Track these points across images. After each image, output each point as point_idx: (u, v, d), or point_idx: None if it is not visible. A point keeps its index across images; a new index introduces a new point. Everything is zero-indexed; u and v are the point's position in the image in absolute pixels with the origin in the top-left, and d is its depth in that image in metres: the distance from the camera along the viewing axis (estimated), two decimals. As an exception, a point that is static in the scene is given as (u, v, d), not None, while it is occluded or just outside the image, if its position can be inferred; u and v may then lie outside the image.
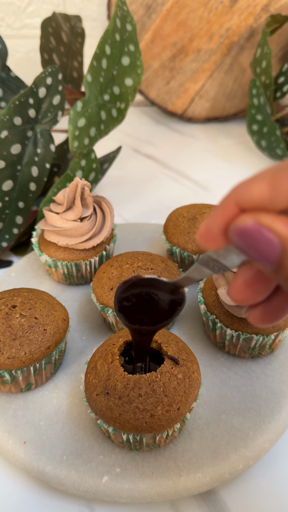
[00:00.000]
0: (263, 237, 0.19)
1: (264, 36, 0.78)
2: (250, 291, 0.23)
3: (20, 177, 0.57)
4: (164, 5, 0.89)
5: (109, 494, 0.34)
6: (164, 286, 0.28)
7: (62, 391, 0.41)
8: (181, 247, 0.51)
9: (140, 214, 0.71)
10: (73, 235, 0.49)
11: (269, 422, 0.38)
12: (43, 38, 0.76)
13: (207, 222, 0.21)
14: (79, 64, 0.82)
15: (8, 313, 0.39)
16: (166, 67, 0.96)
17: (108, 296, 0.44)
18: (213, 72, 0.96)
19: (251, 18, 0.89)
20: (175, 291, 0.28)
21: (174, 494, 0.34)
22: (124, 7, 0.58)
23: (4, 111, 0.52)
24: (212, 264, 0.23)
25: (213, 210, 0.21)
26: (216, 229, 0.21)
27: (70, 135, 0.57)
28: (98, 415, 0.35)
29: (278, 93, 0.84)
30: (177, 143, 0.95)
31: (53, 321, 0.41)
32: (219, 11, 0.88)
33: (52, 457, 0.36)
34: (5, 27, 0.99)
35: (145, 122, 1.05)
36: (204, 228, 0.21)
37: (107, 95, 0.62)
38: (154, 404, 0.33)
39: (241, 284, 0.23)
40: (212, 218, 0.21)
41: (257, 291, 0.23)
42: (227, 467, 0.35)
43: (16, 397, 0.40)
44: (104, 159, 0.75)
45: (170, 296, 0.29)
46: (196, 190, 0.79)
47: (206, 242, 0.21)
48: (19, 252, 0.62)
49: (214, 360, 0.44)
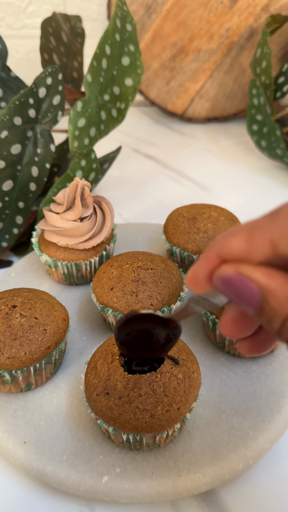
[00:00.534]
0: (244, 285, 0.21)
1: (264, 36, 0.78)
2: (238, 327, 0.25)
3: (20, 177, 0.57)
4: (164, 5, 0.89)
5: (109, 494, 0.34)
6: (160, 321, 0.30)
7: (62, 391, 0.41)
8: (181, 247, 0.51)
9: (140, 214, 0.71)
10: (73, 235, 0.49)
11: (269, 422, 0.38)
12: (43, 38, 0.76)
13: (194, 269, 0.23)
14: (79, 64, 0.82)
15: (8, 313, 0.39)
16: (166, 67, 0.96)
17: (108, 296, 0.44)
18: (213, 72, 0.96)
19: (251, 18, 0.89)
20: (171, 324, 0.30)
21: (174, 494, 0.34)
22: (124, 7, 0.58)
23: (4, 111, 0.52)
24: (202, 302, 0.25)
25: (198, 259, 0.23)
26: (201, 276, 0.23)
27: (70, 135, 0.57)
28: (98, 415, 0.35)
29: (278, 93, 0.84)
30: (177, 143, 0.95)
31: (53, 321, 0.41)
32: (219, 11, 0.88)
33: (52, 457, 0.36)
34: (5, 27, 0.99)
35: (145, 122, 1.05)
36: (191, 274, 0.24)
37: (107, 95, 0.62)
38: (154, 404, 0.33)
39: (229, 321, 0.25)
40: (198, 266, 0.23)
41: (244, 328, 0.25)
42: (227, 467, 0.35)
43: (16, 397, 0.40)
44: (104, 159, 0.75)
45: (166, 330, 0.30)
46: (196, 190, 0.79)
47: (194, 286, 0.24)
48: (19, 252, 0.62)
49: (214, 360, 0.44)
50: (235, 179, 0.82)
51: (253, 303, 0.21)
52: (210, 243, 0.23)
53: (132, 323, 0.31)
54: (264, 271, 0.21)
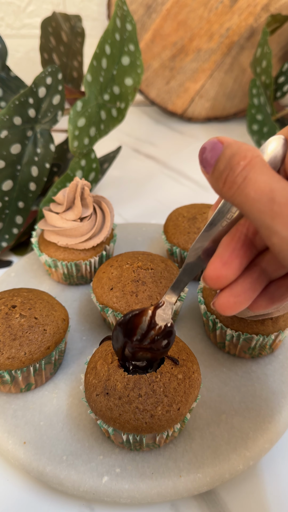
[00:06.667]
0: (216, 144, 0.25)
1: (264, 36, 0.78)
2: (226, 268, 0.27)
3: (20, 177, 0.56)
4: (164, 5, 0.88)
5: (109, 495, 0.34)
6: None
7: (62, 391, 0.41)
8: (181, 247, 0.51)
9: (140, 214, 0.71)
10: (73, 235, 0.49)
11: (269, 422, 0.38)
12: (43, 38, 0.76)
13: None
14: (79, 64, 0.82)
15: (8, 313, 0.39)
16: (166, 66, 0.95)
17: (108, 296, 0.44)
18: (213, 72, 0.95)
19: (251, 18, 0.89)
20: None
21: (174, 494, 0.34)
22: (124, 7, 0.58)
23: (4, 111, 0.52)
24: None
25: None
26: None
27: (70, 135, 0.57)
28: (98, 416, 0.35)
29: (278, 93, 0.84)
30: (177, 143, 0.95)
31: (53, 321, 0.41)
32: (219, 10, 0.88)
33: (52, 457, 0.36)
34: (5, 26, 0.99)
35: (145, 122, 1.05)
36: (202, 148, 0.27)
37: (107, 95, 0.62)
38: (154, 404, 0.33)
39: (218, 262, 0.27)
40: None
41: (233, 267, 0.27)
42: (227, 467, 0.35)
43: (16, 397, 0.40)
44: (104, 159, 0.75)
45: None
46: (196, 190, 0.79)
47: None
48: (19, 252, 0.62)
49: (214, 360, 0.44)
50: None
51: (217, 154, 0.24)
52: None
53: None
54: None
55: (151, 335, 0.34)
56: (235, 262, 0.27)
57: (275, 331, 0.41)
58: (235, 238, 0.27)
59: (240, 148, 0.24)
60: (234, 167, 0.24)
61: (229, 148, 0.24)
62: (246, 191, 0.23)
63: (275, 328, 0.41)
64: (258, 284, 0.28)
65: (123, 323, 0.35)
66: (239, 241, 0.27)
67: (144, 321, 0.34)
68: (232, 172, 0.24)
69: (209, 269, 0.27)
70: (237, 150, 0.24)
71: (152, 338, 0.34)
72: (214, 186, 0.25)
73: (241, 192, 0.23)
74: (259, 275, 0.28)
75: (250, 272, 0.28)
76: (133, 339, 0.35)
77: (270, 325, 0.40)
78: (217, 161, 0.24)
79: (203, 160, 0.25)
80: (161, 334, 0.34)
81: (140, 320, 0.34)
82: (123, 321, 0.35)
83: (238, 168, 0.23)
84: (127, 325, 0.35)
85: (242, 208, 0.24)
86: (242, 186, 0.23)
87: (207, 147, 0.25)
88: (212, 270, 0.27)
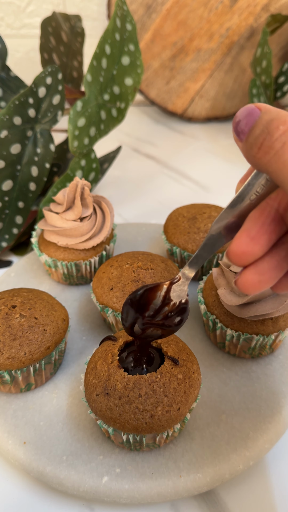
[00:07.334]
0: (251, 110, 0.24)
1: (264, 36, 0.78)
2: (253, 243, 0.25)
3: (20, 177, 0.56)
4: (164, 5, 0.88)
5: (109, 495, 0.34)
6: None
7: (62, 391, 0.41)
8: (181, 247, 0.51)
9: (140, 214, 0.71)
10: (73, 235, 0.49)
11: (269, 423, 0.38)
12: (43, 38, 0.76)
13: None
14: (79, 64, 0.82)
15: (8, 313, 0.39)
16: (166, 66, 0.95)
17: (108, 296, 0.44)
18: (213, 72, 0.95)
19: (251, 18, 0.89)
20: None
21: (174, 494, 0.34)
22: (124, 7, 0.57)
23: (4, 111, 0.52)
24: None
25: None
26: None
27: (70, 135, 0.57)
28: (98, 416, 0.35)
29: (278, 92, 0.84)
30: (177, 143, 0.95)
31: (53, 321, 0.41)
32: (219, 10, 0.88)
33: (52, 457, 0.36)
34: (5, 26, 0.99)
35: (145, 122, 1.05)
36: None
37: (107, 95, 0.62)
38: (154, 404, 0.33)
39: (245, 237, 0.25)
40: None
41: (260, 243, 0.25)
42: (227, 467, 0.35)
43: (16, 397, 0.40)
44: (104, 159, 0.75)
45: None
46: (196, 190, 0.78)
47: None
48: (19, 252, 0.62)
49: (214, 360, 0.44)
50: (235, 179, 0.81)
51: (253, 120, 0.23)
52: None
53: None
54: None
55: (165, 311, 0.33)
56: (263, 238, 0.25)
57: (275, 331, 0.41)
58: (264, 213, 0.25)
59: (280, 113, 0.23)
60: (273, 131, 0.22)
61: (267, 113, 0.23)
62: (284, 157, 0.22)
63: (275, 328, 0.41)
64: (286, 263, 0.26)
65: (135, 297, 0.33)
66: (269, 216, 0.25)
67: (158, 296, 0.33)
68: (270, 137, 0.22)
69: (234, 244, 0.25)
70: (276, 115, 0.23)
71: (165, 314, 0.33)
72: (247, 153, 0.24)
73: (279, 159, 0.22)
74: (286, 253, 0.26)
75: (277, 250, 0.26)
76: (145, 314, 0.33)
77: (270, 325, 0.40)
78: (253, 126, 0.23)
79: (237, 127, 0.24)
80: (175, 310, 0.33)
81: (154, 296, 0.33)
82: (135, 296, 0.33)
83: (277, 133, 0.22)
84: (140, 299, 0.33)
85: (277, 177, 0.22)
86: (280, 152, 0.22)
87: (241, 113, 0.24)
88: (237, 245, 0.25)
